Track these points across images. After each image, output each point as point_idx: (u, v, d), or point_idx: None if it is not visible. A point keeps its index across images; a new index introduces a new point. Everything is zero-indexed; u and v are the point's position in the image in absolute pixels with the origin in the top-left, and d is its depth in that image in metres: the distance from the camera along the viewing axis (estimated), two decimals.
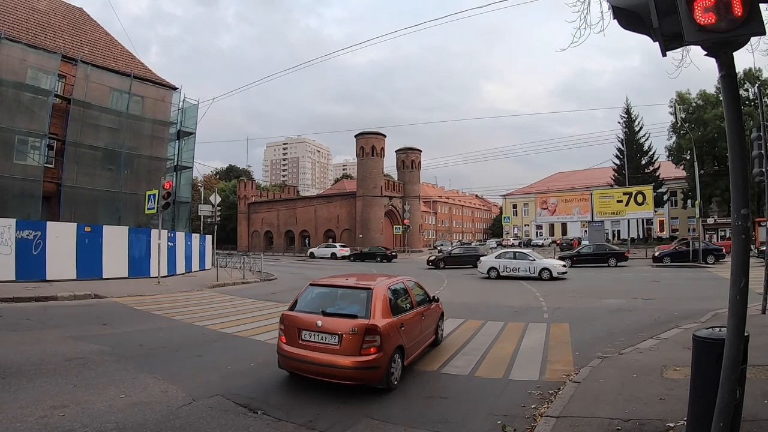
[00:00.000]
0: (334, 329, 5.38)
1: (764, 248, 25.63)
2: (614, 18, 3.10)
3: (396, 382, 5.67)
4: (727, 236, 35.80)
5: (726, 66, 2.72)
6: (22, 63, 18.77)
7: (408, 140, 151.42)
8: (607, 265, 25.68)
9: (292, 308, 6.00)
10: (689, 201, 46.52)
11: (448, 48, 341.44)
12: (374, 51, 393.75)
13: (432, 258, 29.84)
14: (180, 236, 21.98)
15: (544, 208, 43.71)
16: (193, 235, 24.70)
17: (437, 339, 7.87)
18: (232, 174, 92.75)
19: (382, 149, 52.63)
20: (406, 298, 6.67)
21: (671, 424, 4.01)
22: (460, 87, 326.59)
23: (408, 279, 7.31)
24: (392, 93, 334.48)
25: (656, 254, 26.91)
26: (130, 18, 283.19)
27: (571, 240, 42.27)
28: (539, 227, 64.96)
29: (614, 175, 51.59)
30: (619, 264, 25.74)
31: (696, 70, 5.72)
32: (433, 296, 7.88)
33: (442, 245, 52.49)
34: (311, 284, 6.41)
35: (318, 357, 5.34)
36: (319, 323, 5.48)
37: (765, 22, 2.56)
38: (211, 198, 27.31)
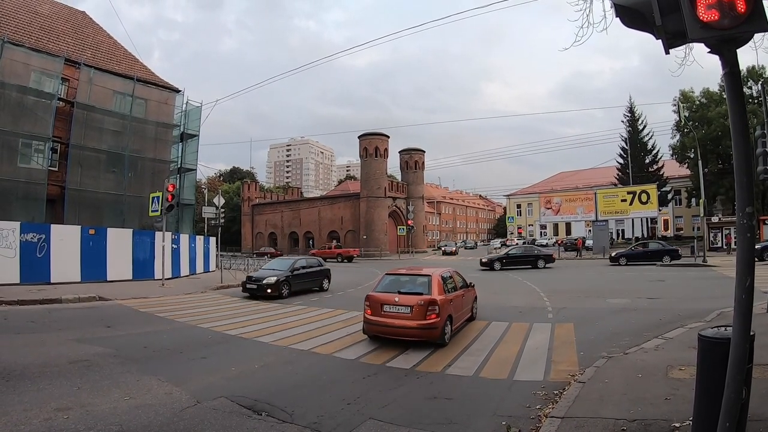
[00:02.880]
0: (407, 303, 7.66)
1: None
2: (617, 16, 3.07)
3: (448, 341, 7.79)
4: (732, 234, 35.57)
5: (730, 63, 2.70)
6: (26, 66, 18.88)
7: (410, 142, 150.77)
8: (536, 267, 26.02)
9: (374, 290, 8.27)
10: (694, 199, 46.35)
11: (447, 50, 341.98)
12: (374, 53, 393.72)
13: (272, 280, 14.93)
14: (184, 238, 22.03)
15: (548, 208, 43.56)
16: (197, 237, 24.78)
17: (473, 315, 10.00)
18: (235, 176, 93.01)
19: (386, 150, 52.64)
20: (451, 282, 8.84)
21: (677, 425, 3.98)
22: (460, 88, 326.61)
23: (452, 269, 9.58)
24: (393, 95, 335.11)
25: (612, 255, 27.36)
26: (133, 23, 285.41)
27: (575, 239, 41.99)
28: (543, 227, 64.73)
29: (618, 174, 51.30)
30: (547, 265, 26.15)
31: (699, 67, 5.67)
32: (470, 282, 10.01)
33: (446, 246, 52.41)
34: (386, 274, 8.89)
35: (395, 322, 7.63)
36: (397, 299, 7.77)
37: None
38: (215, 200, 27.31)
